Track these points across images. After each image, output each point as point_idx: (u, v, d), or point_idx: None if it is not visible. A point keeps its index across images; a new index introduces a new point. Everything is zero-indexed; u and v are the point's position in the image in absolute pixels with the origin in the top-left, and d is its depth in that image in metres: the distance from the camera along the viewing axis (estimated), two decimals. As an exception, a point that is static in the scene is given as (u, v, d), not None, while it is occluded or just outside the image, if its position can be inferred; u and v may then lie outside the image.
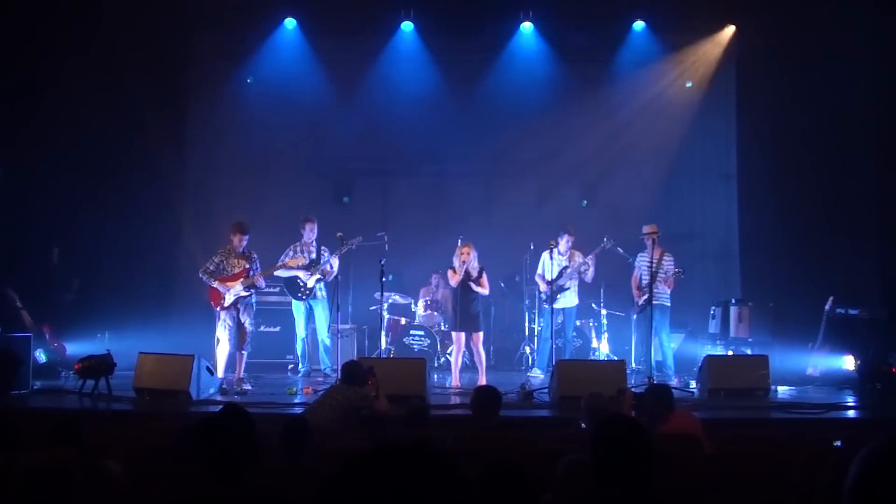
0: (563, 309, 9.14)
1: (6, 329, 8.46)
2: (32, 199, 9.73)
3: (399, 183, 11.89)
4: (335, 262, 8.88)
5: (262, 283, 8.36)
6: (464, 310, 8.35)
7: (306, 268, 8.96)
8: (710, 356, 8.19)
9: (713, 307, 10.03)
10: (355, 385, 6.09)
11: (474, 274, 8.39)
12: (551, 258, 9.11)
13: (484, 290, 8.45)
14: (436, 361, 9.56)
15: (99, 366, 7.54)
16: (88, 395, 7.48)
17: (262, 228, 9.39)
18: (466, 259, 8.36)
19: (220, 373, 8.03)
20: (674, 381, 8.44)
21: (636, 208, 10.72)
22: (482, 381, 8.34)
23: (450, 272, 8.53)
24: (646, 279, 8.82)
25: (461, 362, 8.72)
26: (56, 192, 9.88)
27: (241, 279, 8.17)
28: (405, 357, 9.17)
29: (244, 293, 8.21)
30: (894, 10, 9.35)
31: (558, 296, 9.02)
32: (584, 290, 9.50)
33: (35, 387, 7.90)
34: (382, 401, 6.22)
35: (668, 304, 8.96)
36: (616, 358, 9.47)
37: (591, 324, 9.99)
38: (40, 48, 9.77)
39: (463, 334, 8.46)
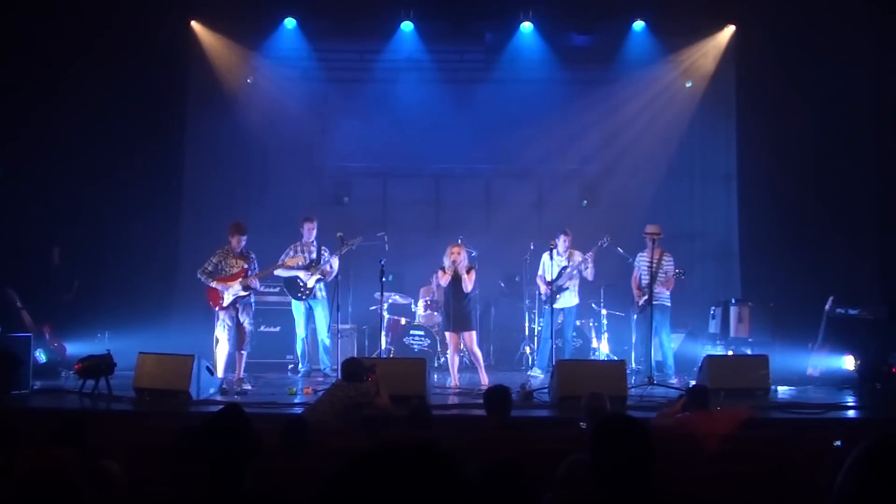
0: (562, 309, 9.14)
1: (6, 329, 8.46)
2: (32, 199, 9.73)
3: (399, 183, 11.88)
4: (335, 262, 8.89)
5: (256, 284, 8.34)
6: (455, 309, 8.36)
7: (306, 268, 8.96)
8: (710, 356, 8.19)
9: (713, 307, 10.03)
10: (355, 382, 6.10)
11: (463, 273, 8.39)
12: (551, 259, 9.11)
13: (468, 286, 8.43)
14: (436, 361, 9.56)
15: (99, 366, 7.53)
16: (88, 395, 7.48)
17: (262, 228, 9.40)
18: (457, 259, 8.37)
19: (219, 373, 8.03)
20: (674, 381, 8.45)
21: (636, 208, 10.73)
22: (484, 379, 8.36)
23: (440, 272, 8.54)
24: (645, 279, 8.82)
25: (458, 362, 8.72)
26: (56, 192, 9.88)
27: (240, 279, 8.17)
28: (405, 357, 9.16)
29: (243, 293, 8.21)
30: (894, 10, 9.35)
31: (558, 296, 9.02)
32: (584, 290, 9.50)
33: (35, 387, 7.89)
34: (384, 397, 6.22)
35: (668, 304, 8.97)
36: (616, 358, 9.47)
37: (591, 324, 9.99)
38: (40, 48, 9.78)
39: (456, 334, 8.47)
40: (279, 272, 8.97)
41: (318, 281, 9.00)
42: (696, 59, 11.25)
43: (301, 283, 8.96)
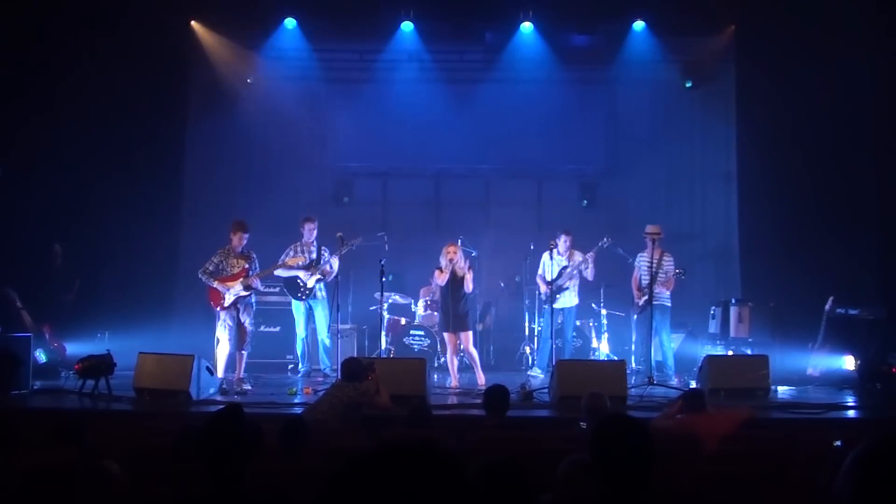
0: (562, 309, 9.14)
1: (6, 329, 8.45)
2: (32, 199, 9.73)
3: (399, 183, 11.88)
4: (335, 262, 8.89)
5: (257, 284, 8.35)
6: (453, 310, 8.36)
7: (306, 268, 8.96)
8: (710, 356, 8.19)
9: (713, 307, 10.03)
10: (355, 381, 6.10)
11: (461, 273, 8.39)
12: (551, 258, 9.11)
13: (469, 286, 8.46)
14: (436, 361, 9.56)
15: (99, 366, 7.53)
16: (88, 395, 7.48)
17: (262, 228, 9.40)
18: (453, 258, 8.37)
19: (220, 373, 8.03)
20: (674, 381, 8.45)
21: (636, 208, 10.74)
22: (480, 379, 8.37)
23: (437, 272, 8.53)
24: (646, 279, 8.82)
25: (458, 362, 8.72)
26: (56, 191, 9.88)
27: (241, 279, 8.18)
28: (405, 357, 9.16)
29: (244, 293, 8.21)
30: (893, 11, 9.35)
31: (558, 296, 9.02)
32: (584, 290, 9.50)
33: (35, 387, 7.89)
34: (384, 396, 6.23)
35: (669, 305, 8.97)
36: (616, 358, 9.47)
37: (591, 324, 9.98)
38: (40, 48, 9.78)
39: (454, 335, 8.47)
40: (279, 272, 8.97)
41: (318, 281, 9.00)
42: (697, 59, 11.25)
43: (301, 283, 8.96)
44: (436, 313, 9.89)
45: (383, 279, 8.55)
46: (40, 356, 8.66)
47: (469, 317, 8.62)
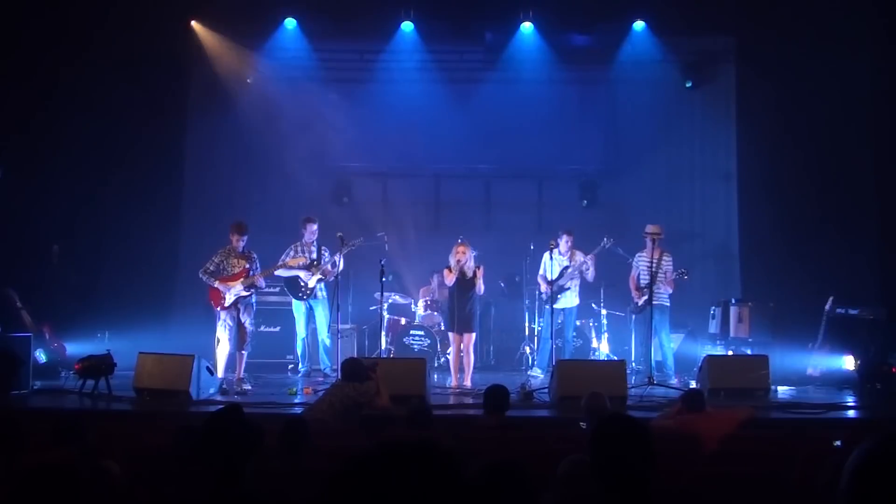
0: (563, 309, 9.14)
1: (6, 329, 8.45)
2: (32, 199, 9.73)
3: (399, 183, 11.87)
4: (339, 259, 8.84)
5: (261, 282, 8.38)
6: (459, 310, 8.36)
7: (307, 268, 8.96)
8: (710, 356, 8.20)
9: (713, 307, 10.03)
10: (355, 382, 6.10)
11: (470, 274, 8.39)
12: (552, 258, 9.11)
13: (482, 287, 8.47)
14: (436, 361, 9.56)
15: (99, 366, 7.54)
16: (88, 395, 7.48)
17: (262, 228, 9.40)
18: (462, 258, 8.36)
19: (220, 373, 8.04)
20: (674, 381, 8.45)
21: (636, 208, 10.73)
22: (467, 381, 8.39)
23: (445, 271, 8.52)
24: (645, 279, 8.82)
25: (460, 362, 8.71)
26: (56, 191, 9.89)
27: (242, 279, 8.18)
28: (405, 357, 9.16)
29: (244, 293, 8.22)
30: (893, 12, 9.35)
31: (559, 296, 9.02)
32: (585, 290, 9.50)
33: (35, 387, 7.89)
34: (384, 396, 6.22)
35: (668, 305, 8.97)
36: (616, 358, 9.47)
37: (591, 324, 9.98)
38: (41, 48, 9.78)
39: (459, 335, 8.46)
40: (280, 272, 8.98)
41: (318, 281, 9.00)
42: (696, 59, 11.25)
43: (302, 283, 8.96)
44: (436, 313, 9.89)
45: (383, 279, 8.55)
46: (40, 356, 8.65)
47: (474, 318, 8.60)
